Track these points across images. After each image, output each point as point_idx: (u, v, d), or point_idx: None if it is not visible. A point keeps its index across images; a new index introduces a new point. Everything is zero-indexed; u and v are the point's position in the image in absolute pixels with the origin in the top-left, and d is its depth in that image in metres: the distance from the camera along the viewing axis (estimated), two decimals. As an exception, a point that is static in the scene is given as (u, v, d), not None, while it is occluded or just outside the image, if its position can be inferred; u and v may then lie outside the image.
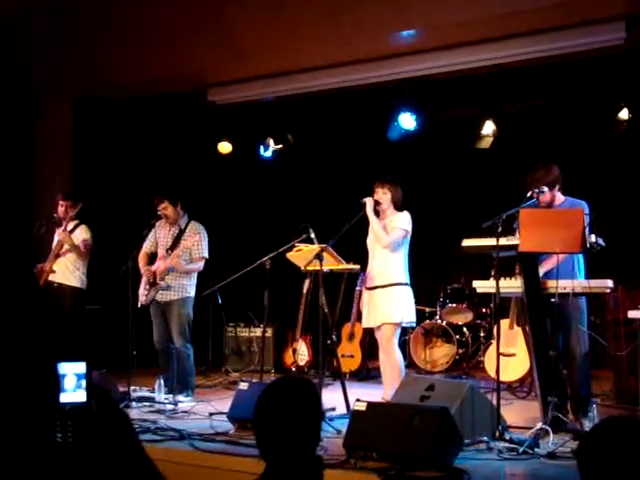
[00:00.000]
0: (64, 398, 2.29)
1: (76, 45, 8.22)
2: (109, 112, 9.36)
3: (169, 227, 7.26)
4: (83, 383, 2.35)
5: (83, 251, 7.73)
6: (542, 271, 5.55)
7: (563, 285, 5.29)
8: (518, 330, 7.01)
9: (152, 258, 7.31)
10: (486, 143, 8.96)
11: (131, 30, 8.00)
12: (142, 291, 7.13)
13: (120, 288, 7.03)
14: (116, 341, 7.84)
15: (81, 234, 7.76)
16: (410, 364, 8.58)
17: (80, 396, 2.31)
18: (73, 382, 2.35)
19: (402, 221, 6.38)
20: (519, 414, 6.08)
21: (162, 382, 6.84)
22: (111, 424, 2.15)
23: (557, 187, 5.72)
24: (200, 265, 7.21)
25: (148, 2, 7.90)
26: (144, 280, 7.15)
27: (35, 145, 9.21)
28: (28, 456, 1.86)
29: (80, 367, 2.37)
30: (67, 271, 7.70)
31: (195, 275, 7.25)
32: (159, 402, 6.69)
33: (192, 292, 7.19)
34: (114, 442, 2.10)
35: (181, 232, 7.20)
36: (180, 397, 6.83)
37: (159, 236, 7.28)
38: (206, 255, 7.20)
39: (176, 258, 7.04)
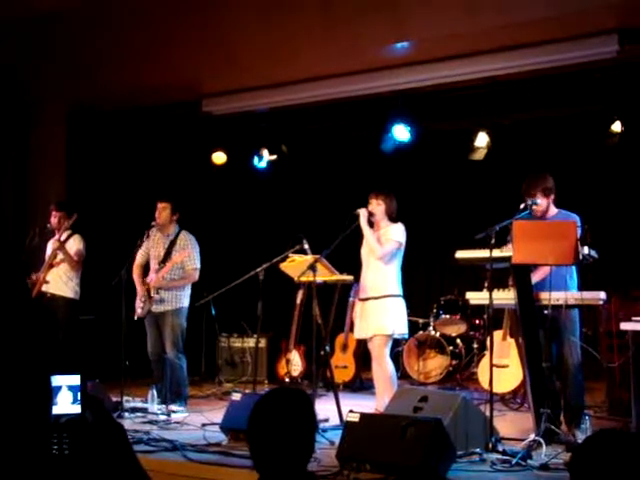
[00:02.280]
0: (59, 410, 2.29)
1: (71, 55, 8.24)
2: (103, 122, 9.36)
3: (161, 237, 7.26)
4: (78, 395, 2.35)
5: (75, 260, 7.71)
6: (533, 280, 5.56)
7: (556, 297, 5.30)
8: (511, 342, 7.02)
9: (146, 268, 7.31)
10: (480, 155, 8.98)
11: (126, 40, 8.03)
12: (138, 304, 7.12)
13: (114, 298, 7.02)
14: (109, 351, 7.82)
15: (74, 244, 7.75)
16: (403, 375, 8.58)
17: (75, 408, 2.31)
18: (68, 394, 2.35)
19: (396, 233, 6.39)
20: (512, 426, 6.08)
21: (155, 393, 6.82)
22: (106, 436, 2.15)
23: (552, 196, 5.74)
24: (193, 276, 7.21)
25: (143, 13, 7.92)
26: (139, 293, 7.14)
27: (30, 154, 9.19)
28: (22, 466, 1.86)
29: (75, 379, 2.37)
30: (60, 282, 7.68)
31: (189, 286, 7.25)
32: (152, 413, 6.68)
33: (186, 303, 7.19)
34: (109, 454, 2.10)
35: (172, 244, 7.21)
36: (173, 407, 6.81)
37: (151, 247, 7.28)
38: (198, 266, 7.20)
39: (161, 280, 7.06)
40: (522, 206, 5.59)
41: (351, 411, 5.06)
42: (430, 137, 9.23)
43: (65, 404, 2.36)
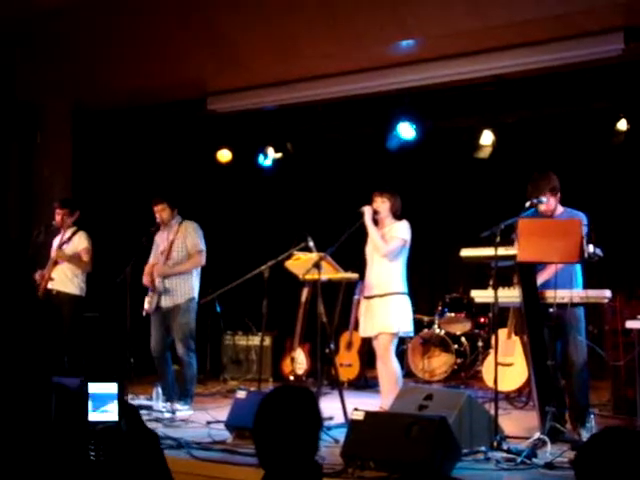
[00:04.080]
0: (95, 417, 2.29)
1: (76, 53, 8.26)
2: (108, 121, 9.37)
3: (165, 233, 7.25)
4: (115, 403, 2.34)
5: (85, 260, 7.72)
6: (540, 281, 5.55)
7: (561, 295, 5.29)
8: (516, 340, 7.01)
9: None
10: (485, 153, 8.97)
11: (130, 38, 8.04)
12: (147, 299, 7.10)
13: (119, 295, 7.03)
14: (114, 349, 7.84)
15: (80, 242, 7.75)
16: (408, 373, 8.58)
17: (111, 415, 2.31)
18: (105, 401, 2.34)
19: (401, 230, 6.39)
20: (517, 424, 6.07)
21: (160, 390, 6.83)
22: (140, 443, 2.16)
23: (558, 195, 5.73)
24: (199, 259, 7.14)
25: (147, 11, 7.93)
26: (149, 286, 7.11)
27: (35, 153, 9.21)
28: (60, 471, 1.88)
29: (112, 387, 2.36)
30: (66, 279, 7.68)
31: (197, 275, 7.18)
32: (157, 410, 6.68)
33: (195, 294, 7.12)
34: (143, 461, 2.11)
35: (175, 234, 7.19)
36: (178, 405, 6.81)
37: (159, 244, 7.28)
38: (203, 248, 7.13)
39: (162, 267, 7.03)
40: (528, 204, 5.58)
41: (356, 409, 5.06)
42: (435, 135, 9.22)
43: (101, 411, 2.36)
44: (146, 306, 7.09)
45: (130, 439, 2.20)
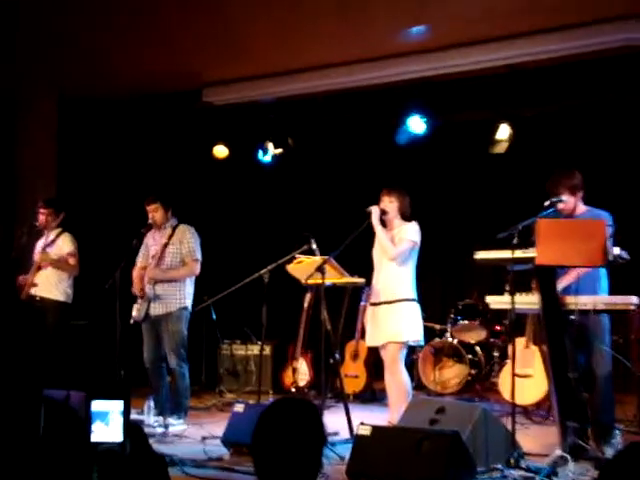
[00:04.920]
0: (98, 437, 2.28)
1: (61, 38, 8.22)
2: (97, 112, 9.37)
3: (158, 235, 7.25)
4: (119, 422, 2.33)
5: (72, 264, 7.72)
6: (561, 286, 5.54)
7: (584, 301, 5.28)
8: (535, 349, 7.00)
9: None
10: (501, 148, 8.97)
11: (120, 24, 8.00)
12: (135, 306, 7.11)
13: (108, 302, 7.02)
14: (103, 359, 7.83)
15: (65, 245, 7.74)
16: (419, 385, 8.58)
17: (116, 436, 2.29)
18: (109, 421, 2.33)
19: (410, 232, 6.39)
20: (536, 440, 6.07)
21: (152, 404, 6.82)
22: (145, 468, 2.15)
23: (580, 194, 5.73)
24: (193, 268, 7.15)
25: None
26: (138, 293, 7.12)
27: (17, 146, 9.21)
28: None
29: (117, 405, 2.35)
30: (50, 284, 7.68)
31: (191, 283, 7.20)
32: (149, 425, 6.67)
33: (188, 303, 7.13)
34: None
35: (169, 238, 7.19)
36: (171, 420, 6.81)
37: (150, 246, 7.28)
38: (199, 257, 7.15)
39: (154, 269, 7.04)
40: (547, 204, 5.57)
41: (362, 424, 5.06)
42: (448, 129, 9.22)
43: (105, 431, 2.35)
44: (134, 314, 7.09)
45: (135, 463, 2.20)
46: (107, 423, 2.35)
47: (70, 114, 9.30)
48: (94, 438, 2.28)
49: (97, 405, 2.37)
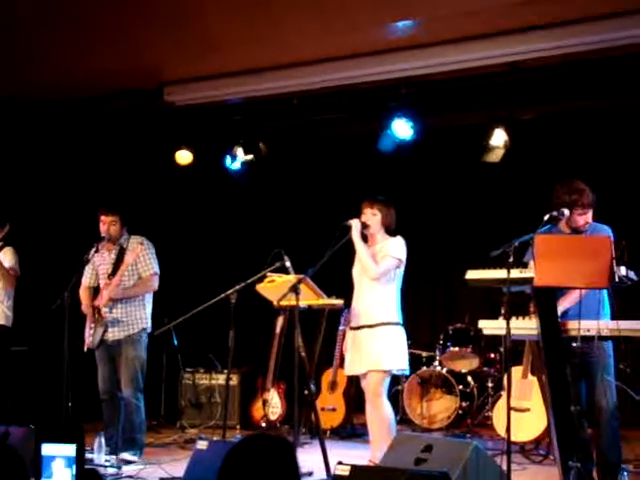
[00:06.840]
0: None
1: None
2: (44, 114, 9.32)
3: (108, 252, 7.23)
4: (72, 468, 2.31)
5: (11, 281, 7.68)
6: (561, 309, 5.57)
7: (587, 326, 5.30)
8: (533, 380, 7.03)
9: (96, 292, 7.28)
10: (496, 156, 9.01)
11: (69, 13, 7.96)
12: (88, 332, 7.08)
13: (53, 325, 6.97)
14: (47, 390, 7.78)
15: (5, 259, 7.70)
16: (403, 419, 8.59)
17: None
18: (60, 466, 2.30)
19: (394, 248, 6.40)
20: (534, 481, 6.09)
21: (103, 440, 6.77)
22: None
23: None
24: (151, 283, 7.17)
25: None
26: (89, 319, 7.11)
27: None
28: None
29: (69, 450, 2.33)
30: (-12, 305, 7.65)
31: (149, 303, 7.21)
32: (99, 465, 6.63)
33: (147, 324, 7.15)
34: None
35: (122, 251, 7.18)
36: (126, 457, 6.77)
37: (99, 265, 7.25)
38: (156, 270, 7.18)
39: (115, 287, 7.02)
40: (546, 217, 5.59)
41: (340, 463, 5.04)
42: (436, 134, 9.27)
43: (55, 478, 2.32)
44: (87, 340, 7.06)
45: None
46: (59, 469, 2.33)
47: (13, 115, 9.22)
48: None
49: (48, 450, 2.34)
